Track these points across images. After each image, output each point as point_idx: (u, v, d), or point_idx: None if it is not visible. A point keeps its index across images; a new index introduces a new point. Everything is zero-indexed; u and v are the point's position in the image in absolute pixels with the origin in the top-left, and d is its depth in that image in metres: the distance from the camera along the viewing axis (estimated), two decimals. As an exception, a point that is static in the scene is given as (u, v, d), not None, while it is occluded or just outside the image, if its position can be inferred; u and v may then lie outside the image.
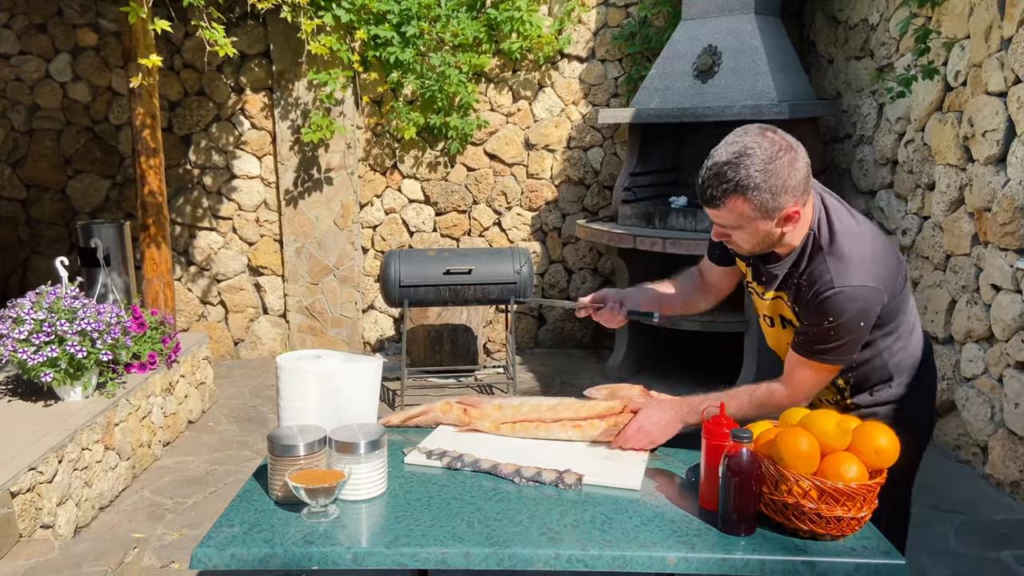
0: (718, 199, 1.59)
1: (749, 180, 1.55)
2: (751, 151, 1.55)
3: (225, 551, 1.44)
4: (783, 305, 1.76)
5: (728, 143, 1.59)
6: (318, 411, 1.75)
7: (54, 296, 3.43)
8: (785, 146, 1.57)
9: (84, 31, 5.38)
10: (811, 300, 1.64)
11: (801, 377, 1.72)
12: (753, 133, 1.58)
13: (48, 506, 2.93)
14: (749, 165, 1.55)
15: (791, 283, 1.70)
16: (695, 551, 1.43)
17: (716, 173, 1.57)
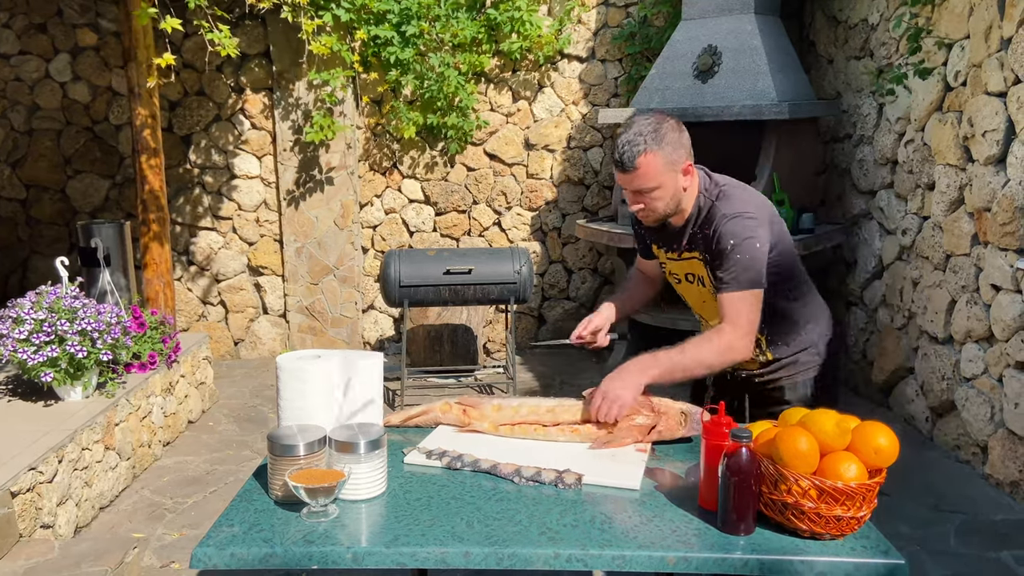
0: (635, 158, 1.89)
1: (654, 138, 1.90)
2: (648, 123, 1.92)
3: (225, 551, 1.44)
4: (699, 264, 2.05)
5: (630, 122, 1.94)
6: (320, 410, 1.75)
7: (54, 296, 3.43)
8: (671, 119, 1.97)
9: (84, 31, 5.38)
10: (713, 239, 1.97)
11: (738, 310, 1.94)
12: (646, 112, 1.99)
13: (48, 506, 2.94)
14: (652, 130, 1.91)
15: (698, 239, 2.03)
16: (694, 551, 1.43)
17: (629, 142, 1.90)
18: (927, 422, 4.01)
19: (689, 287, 2.15)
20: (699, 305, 2.18)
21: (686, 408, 1.92)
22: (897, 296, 4.30)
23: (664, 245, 2.15)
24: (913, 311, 4.13)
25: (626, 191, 2.00)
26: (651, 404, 1.93)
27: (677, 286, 2.21)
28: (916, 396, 4.12)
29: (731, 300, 1.94)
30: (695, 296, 2.16)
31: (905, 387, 4.23)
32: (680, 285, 2.19)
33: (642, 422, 1.89)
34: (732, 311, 1.94)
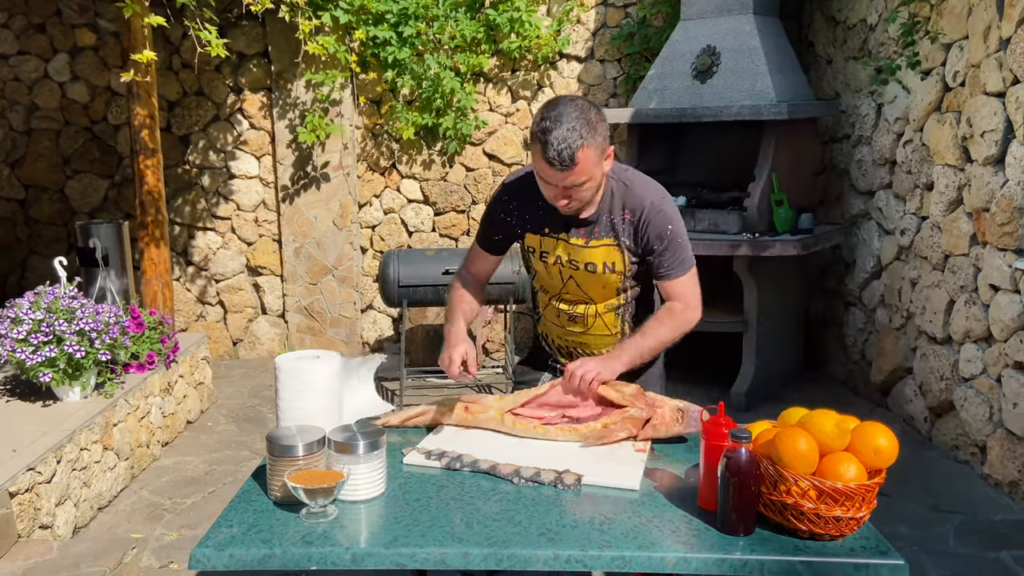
0: (575, 155, 1.82)
1: (589, 130, 1.84)
2: (577, 114, 1.83)
3: (224, 551, 1.44)
4: (615, 252, 2.04)
5: (557, 114, 1.83)
6: (319, 411, 1.74)
7: (52, 296, 3.42)
8: (591, 105, 1.91)
9: (82, 31, 5.37)
10: (643, 225, 2.00)
11: (688, 291, 2.07)
12: (567, 101, 1.86)
13: (47, 506, 2.93)
14: (584, 122, 1.83)
15: (616, 225, 2.02)
16: (694, 551, 1.43)
17: (565, 139, 1.81)
18: (926, 422, 4.01)
19: (587, 276, 2.07)
20: (589, 292, 2.11)
21: (682, 405, 1.93)
22: (896, 296, 4.30)
23: (562, 233, 2.05)
24: (912, 311, 4.13)
25: (551, 187, 1.90)
26: (645, 398, 1.94)
27: (562, 271, 2.09)
28: (915, 396, 4.12)
29: (681, 283, 2.06)
30: (592, 283, 2.09)
31: (904, 387, 4.23)
32: (577, 272, 2.07)
33: (636, 415, 1.89)
34: (682, 292, 2.07)
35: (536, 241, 2.10)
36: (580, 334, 2.19)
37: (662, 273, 2.06)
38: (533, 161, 1.91)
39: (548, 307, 2.21)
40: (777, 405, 4.47)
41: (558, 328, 2.22)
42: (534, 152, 1.88)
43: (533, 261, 2.15)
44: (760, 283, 4.38)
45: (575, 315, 2.16)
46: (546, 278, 2.15)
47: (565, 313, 2.17)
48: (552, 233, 2.07)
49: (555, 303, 2.18)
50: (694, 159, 5.12)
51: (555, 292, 2.16)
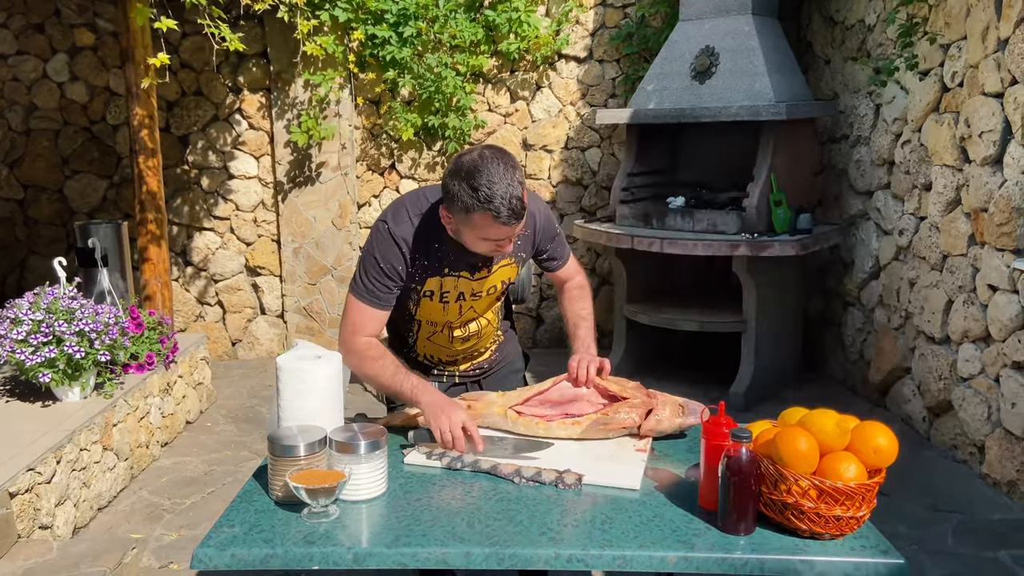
0: (521, 202, 1.81)
1: (518, 173, 1.83)
2: (504, 167, 1.78)
3: (226, 551, 1.44)
4: (511, 268, 2.10)
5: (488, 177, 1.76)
6: (320, 411, 1.75)
7: (52, 296, 3.42)
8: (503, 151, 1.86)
9: (81, 31, 5.37)
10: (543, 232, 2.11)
11: (575, 265, 2.29)
12: (485, 159, 1.79)
13: (46, 507, 2.93)
14: (516, 174, 1.81)
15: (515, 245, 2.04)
16: (695, 551, 1.44)
17: (509, 193, 1.77)
18: (924, 422, 4.02)
19: (486, 299, 2.08)
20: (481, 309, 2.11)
21: (683, 401, 1.95)
22: (894, 296, 4.31)
23: (464, 271, 2.00)
24: (910, 311, 4.14)
25: (492, 242, 1.85)
26: (645, 392, 1.98)
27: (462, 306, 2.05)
28: (913, 396, 4.13)
29: (572, 263, 2.27)
30: (487, 301, 2.10)
31: (902, 387, 4.24)
32: (478, 300, 2.06)
33: (639, 403, 1.92)
34: (572, 269, 2.27)
35: (436, 283, 2.00)
36: (472, 346, 2.21)
37: (555, 265, 2.22)
38: (472, 228, 1.81)
39: (435, 335, 2.13)
40: (776, 405, 4.49)
41: (446, 348, 2.17)
42: (478, 221, 1.78)
43: (426, 303, 2.04)
44: (759, 283, 4.39)
45: (468, 335, 2.15)
46: (438, 314, 2.07)
47: (458, 337, 2.14)
48: (452, 272, 1.99)
49: (446, 331, 2.12)
50: (693, 159, 5.12)
51: (447, 322, 2.10)
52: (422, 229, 1.94)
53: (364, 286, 1.96)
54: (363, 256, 1.98)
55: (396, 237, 1.94)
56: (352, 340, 1.97)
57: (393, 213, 1.97)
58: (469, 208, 1.77)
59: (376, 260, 1.94)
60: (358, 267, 1.99)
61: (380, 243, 1.95)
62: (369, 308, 1.97)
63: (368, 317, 1.97)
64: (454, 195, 1.79)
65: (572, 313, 2.23)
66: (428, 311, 2.07)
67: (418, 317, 2.11)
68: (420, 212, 1.96)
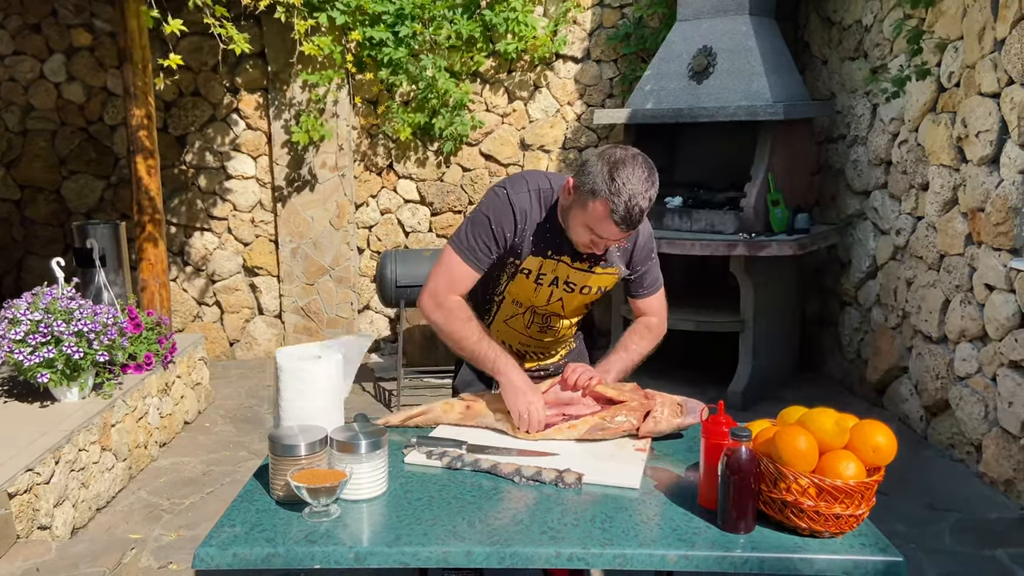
0: (642, 218, 1.83)
1: (653, 190, 1.84)
2: (644, 173, 1.81)
3: (227, 551, 1.44)
4: (612, 278, 2.08)
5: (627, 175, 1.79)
6: (319, 411, 1.75)
7: (50, 297, 3.42)
8: (643, 156, 1.85)
9: (78, 31, 5.37)
10: (635, 251, 2.06)
11: (661, 305, 2.21)
12: (633, 161, 1.81)
13: (45, 507, 2.93)
14: (652, 183, 1.83)
15: (615, 255, 2.04)
16: (695, 549, 1.44)
17: (637, 201, 1.79)
18: (921, 421, 4.03)
19: (577, 296, 2.09)
20: (568, 308, 2.13)
21: (681, 400, 1.96)
22: (891, 296, 4.32)
23: (566, 256, 2.00)
24: (907, 311, 4.15)
25: (598, 239, 1.87)
26: (643, 393, 1.99)
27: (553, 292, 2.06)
28: (910, 395, 4.14)
29: (657, 299, 2.19)
30: (576, 301, 2.11)
31: (899, 386, 4.26)
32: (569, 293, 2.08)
33: (636, 406, 1.92)
34: (658, 307, 2.20)
35: (536, 264, 2.01)
36: (550, 342, 2.22)
37: (642, 292, 2.16)
38: (585, 212, 1.83)
39: (514, 317, 2.15)
40: (774, 404, 4.50)
41: (521, 335, 2.18)
42: (595, 208, 1.80)
43: (520, 279, 2.05)
44: (757, 283, 4.40)
45: (548, 327, 2.17)
46: (528, 293, 2.08)
47: (537, 324, 2.16)
48: (555, 255, 2.01)
49: (528, 315, 2.14)
50: (691, 159, 5.13)
51: (531, 305, 2.11)
52: (537, 205, 1.98)
53: (468, 244, 1.98)
54: (473, 215, 2.00)
55: (513, 204, 1.97)
56: (446, 296, 2.00)
57: (513, 183, 2.01)
58: (596, 192, 1.79)
59: (488, 220, 1.97)
60: (465, 225, 2.01)
61: (496, 206, 1.97)
62: (467, 267, 1.99)
63: (464, 274, 1.99)
64: (590, 173, 1.82)
65: (621, 341, 2.17)
66: (518, 289, 2.08)
67: (506, 294, 2.11)
68: (539, 188, 1.99)
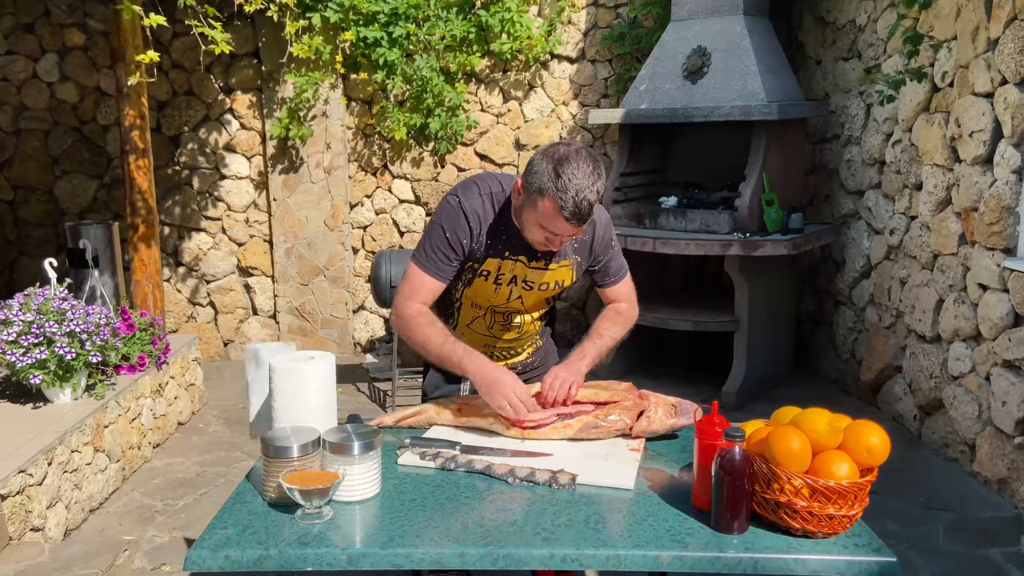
0: (591, 211, 1.83)
1: (600, 182, 1.84)
2: (588, 167, 1.81)
3: (219, 553, 1.44)
4: (568, 271, 2.09)
5: (573, 171, 1.79)
6: (311, 413, 1.74)
7: (43, 298, 3.40)
8: (587, 149, 1.86)
9: (72, 31, 5.35)
10: (595, 240, 2.08)
11: (629, 290, 2.22)
12: (577, 155, 1.82)
13: (38, 509, 2.92)
14: (598, 175, 1.83)
15: (571, 247, 2.06)
16: (688, 550, 1.44)
17: (585, 195, 1.80)
18: (915, 420, 4.04)
19: (537, 293, 2.09)
20: (528, 305, 2.13)
21: (675, 401, 1.95)
22: (885, 295, 4.33)
23: (522, 256, 2.01)
24: (901, 310, 4.16)
25: (551, 235, 1.87)
26: (637, 393, 1.98)
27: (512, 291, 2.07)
28: (904, 395, 4.15)
29: (624, 285, 2.21)
30: (536, 298, 2.12)
31: (893, 386, 4.26)
32: (528, 292, 2.08)
33: (630, 405, 1.91)
34: (626, 293, 2.22)
35: (495, 265, 2.02)
36: (513, 340, 2.22)
37: (609, 281, 2.18)
38: (536, 211, 1.84)
39: (476, 320, 2.15)
40: (768, 404, 4.50)
41: (484, 336, 2.18)
42: (544, 206, 1.81)
43: (479, 282, 2.06)
44: (751, 283, 4.40)
45: (511, 325, 2.17)
46: (487, 295, 2.08)
47: (499, 323, 2.16)
48: (512, 256, 2.02)
49: (488, 315, 2.14)
50: (685, 159, 5.13)
51: (491, 305, 2.11)
52: (490, 208, 1.99)
53: (426, 254, 2.00)
54: (430, 226, 2.02)
55: (466, 211, 1.97)
56: (405, 305, 2.02)
57: (464, 189, 2.02)
58: (543, 190, 1.81)
59: (443, 230, 1.98)
60: (423, 237, 2.03)
61: (449, 215, 1.98)
62: (427, 277, 2.01)
63: (424, 285, 2.01)
64: (536, 172, 1.83)
65: (594, 328, 2.18)
66: (477, 292, 2.09)
67: (463, 299, 2.12)
68: (490, 192, 2.00)
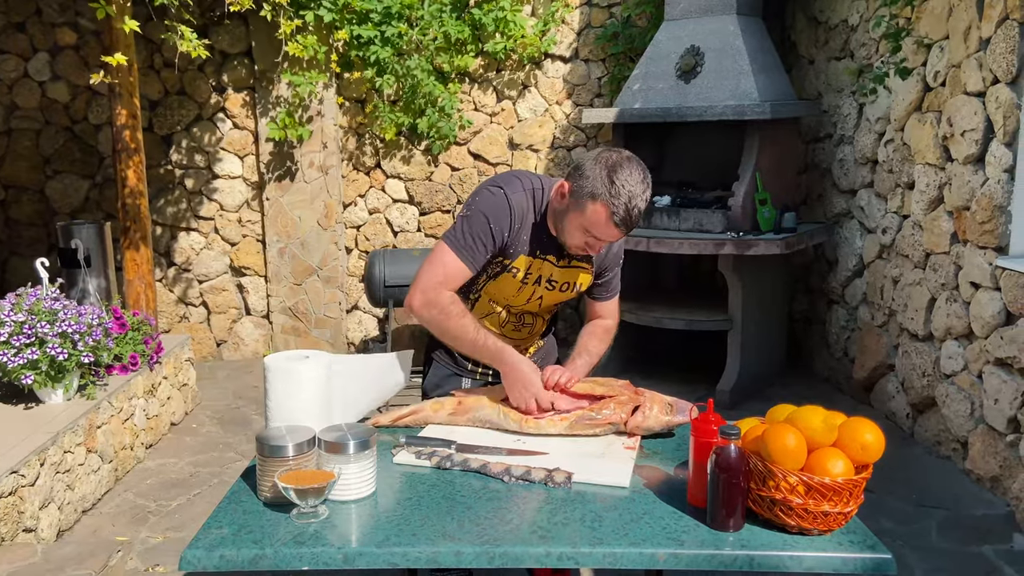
0: (639, 219, 1.84)
1: (649, 191, 1.85)
2: (640, 176, 1.82)
3: (214, 552, 1.43)
4: (587, 274, 2.10)
5: (631, 175, 1.80)
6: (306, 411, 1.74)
7: (34, 298, 3.39)
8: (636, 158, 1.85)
9: (63, 30, 5.32)
10: (611, 253, 2.10)
11: (616, 308, 2.25)
12: (631, 164, 1.82)
13: (30, 510, 2.90)
14: (647, 184, 1.84)
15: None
16: (684, 547, 1.44)
17: (637, 204, 1.81)
18: (908, 418, 4.05)
19: (557, 293, 2.09)
20: (545, 305, 2.14)
21: (671, 400, 1.95)
22: (878, 294, 4.34)
23: (551, 255, 2.02)
24: (893, 309, 4.18)
25: (594, 240, 1.88)
26: (633, 389, 1.98)
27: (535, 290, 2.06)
28: (897, 393, 4.16)
29: (614, 303, 2.23)
30: (554, 299, 2.11)
31: (886, 384, 4.28)
32: (549, 291, 2.08)
33: (626, 400, 1.92)
34: (612, 310, 2.23)
35: (526, 263, 2.01)
36: (521, 339, 2.21)
37: (606, 295, 2.19)
38: (583, 215, 1.83)
39: (491, 315, 2.13)
40: (762, 402, 4.51)
41: (494, 333, 2.12)
42: (593, 211, 1.81)
43: (504, 278, 2.04)
44: (744, 282, 4.41)
45: (522, 324, 2.17)
46: (508, 292, 2.06)
47: (512, 322, 2.15)
48: (542, 254, 2.02)
49: (504, 314, 2.13)
50: (679, 159, 5.14)
51: (507, 304, 2.10)
52: (531, 205, 1.97)
53: (465, 241, 1.94)
54: (470, 214, 1.95)
55: (511, 203, 1.95)
56: (438, 292, 1.96)
57: (508, 182, 1.98)
58: (596, 195, 1.79)
59: (486, 219, 1.93)
60: (460, 223, 1.96)
61: (493, 204, 1.94)
62: (460, 263, 1.95)
63: (458, 271, 1.96)
64: (588, 177, 1.81)
65: (582, 344, 2.15)
66: (500, 287, 2.06)
67: (483, 292, 2.09)
68: (532, 188, 1.98)
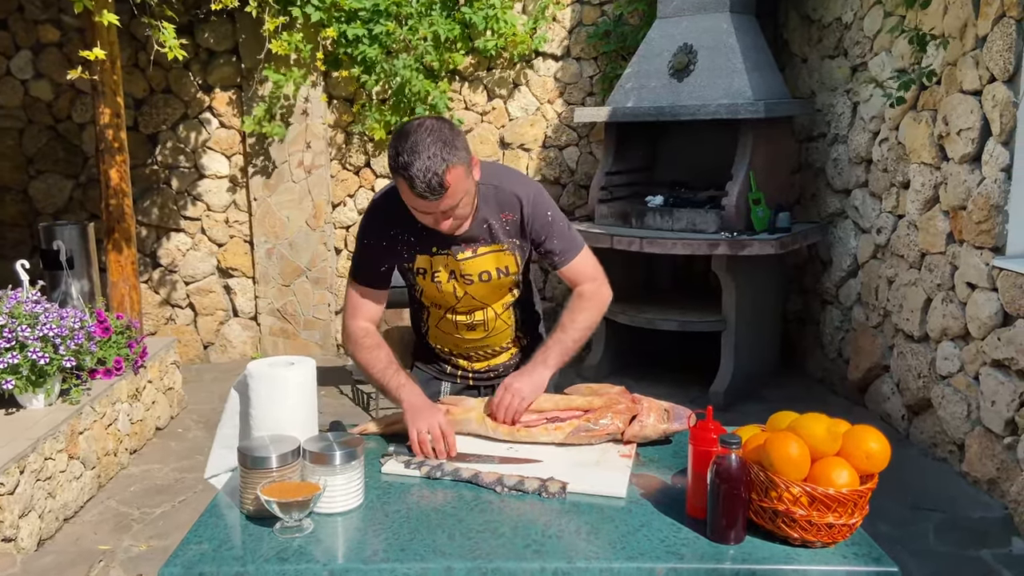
0: (443, 180, 1.72)
1: (449, 151, 1.73)
2: (432, 138, 1.73)
3: (193, 570, 1.37)
4: (506, 256, 2.00)
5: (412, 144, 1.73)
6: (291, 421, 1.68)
7: (15, 301, 3.32)
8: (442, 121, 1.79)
9: (46, 27, 5.23)
10: (526, 220, 1.96)
11: (589, 267, 2.06)
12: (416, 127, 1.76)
13: (10, 518, 2.83)
14: (442, 144, 1.73)
15: (497, 230, 1.96)
16: (684, 561, 1.39)
17: (427, 168, 1.71)
18: (903, 420, 4.02)
19: (482, 285, 2.02)
20: (484, 299, 2.07)
21: (668, 406, 1.91)
22: (872, 295, 4.31)
23: (448, 250, 1.97)
24: (888, 309, 4.15)
25: (428, 215, 1.81)
26: (630, 397, 1.93)
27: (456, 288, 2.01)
28: (892, 394, 4.13)
29: (580, 263, 2.05)
30: (487, 290, 2.05)
31: (881, 385, 4.25)
32: (471, 285, 2.01)
33: (623, 409, 1.87)
34: (584, 270, 2.05)
35: (427, 262, 1.99)
36: (481, 339, 2.15)
37: (558, 260, 2.04)
38: (403, 195, 1.81)
39: (442, 320, 2.10)
40: (755, 404, 4.48)
41: (454, 337, 2.13)
42: (401, 188, 1.79)
43: (421, 282, 2.03)
44: (738, 282, 4.37)
45: (474, 323, 2.10)
46: (437, 295, 2.04)
47: (463, 324, 2.10)
48: (440, 251, 1.97)
49: (450, 316, 2.08)
50: (672, 158, 5.10)
51: (449, 306, 2.07)
52: (401, 202, 1.90)
53: (355, 263, 1.99)
54: (357, 234, 2.01)
55: (381, 210, 1.97)
56: (350, 324, 1.99)
57: (385, 190, 2.01)
58: (394, 172, 1.78)
59: (364, 233, 1.97)
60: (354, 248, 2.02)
61: (369, 218, 1.98)
62: (361, 287, 1.99)
63: (361, 298, 1.99)
64: (389, 155, 1.79)
65: (558, 322, 2.05)
66: (429, 293, 2.06)
67: (423, 300, 2.10)
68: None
